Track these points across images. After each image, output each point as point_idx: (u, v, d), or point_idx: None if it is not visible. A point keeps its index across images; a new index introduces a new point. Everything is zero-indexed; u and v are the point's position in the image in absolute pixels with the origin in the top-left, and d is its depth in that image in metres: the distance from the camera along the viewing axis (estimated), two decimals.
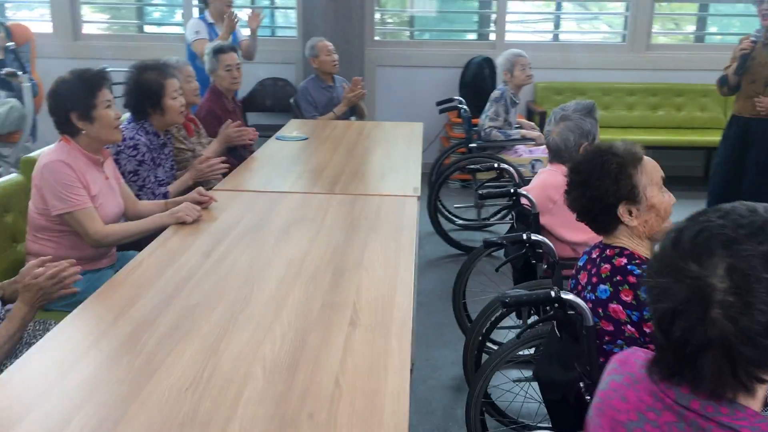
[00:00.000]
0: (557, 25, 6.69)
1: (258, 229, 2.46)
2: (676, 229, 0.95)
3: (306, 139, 3.97)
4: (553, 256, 2.36)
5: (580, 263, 1.89)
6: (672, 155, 6.15)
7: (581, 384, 1.69)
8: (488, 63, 6.01)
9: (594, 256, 1.84)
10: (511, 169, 3.61)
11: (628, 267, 1.70)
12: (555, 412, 1.85)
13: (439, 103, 4.71)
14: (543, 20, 6.89)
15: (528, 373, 2.53)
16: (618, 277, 1.70)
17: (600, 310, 1.70)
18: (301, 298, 1.90)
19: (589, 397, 1.67)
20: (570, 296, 1.68)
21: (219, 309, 1.83)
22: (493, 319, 2.55)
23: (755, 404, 0.93)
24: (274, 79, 6.19)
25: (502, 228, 4.49)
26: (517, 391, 2.59)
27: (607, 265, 1.75)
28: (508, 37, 6.39)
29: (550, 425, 1.92)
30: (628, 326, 1.68)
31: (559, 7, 6.64)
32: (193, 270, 2.08)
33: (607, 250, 1.79)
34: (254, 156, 3.58)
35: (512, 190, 2.61)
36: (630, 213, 1.76)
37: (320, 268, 2.11)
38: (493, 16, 6.36)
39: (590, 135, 2.65)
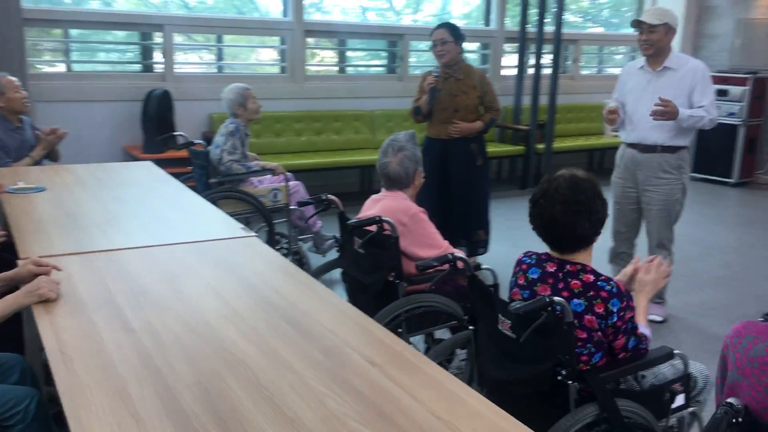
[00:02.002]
0: (220, 57, 6.79)
1: (143, 290, 2.16)
2: None
3: (44, 189, 3.45)
4: None
5: (534, 276, 2.16)
6: (335, 175, 6.80)
7: (563, 372, 1.97)
8: (168, 96, 5.84)
9: (550, 270, 2.12)
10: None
11: (598, 283, 2.03)
12: (523, 405, 2.09)
13: (163, 140, 4.47)
14: (206, 51, 6.92)
15: None
16: (591, 293, 2.02)
17: (576, 321, 2.00)
18: (285, 350, 1.79)
19: (570, 381, 1.96)
20: (557, 299, 1.94)
21: (216, 384, 1.63)
22: None
23: None
24: None
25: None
26: None
27: (577, 281, 2.04)
28: (176, 68, 6.28)
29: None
30: (599, 333, 2.02)
31: (220, 39, 6.75)
32: (130, 352, 1.77)
33: (567, 266, 2.09)
34: (10, 215, 3.00)
35: (376, 218, 2.73)
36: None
37: (265, 312, 1.99)
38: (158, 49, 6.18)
39: (420, 161, 2.94)
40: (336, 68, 7.54)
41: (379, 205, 2.91)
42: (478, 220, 4.67)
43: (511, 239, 5.51)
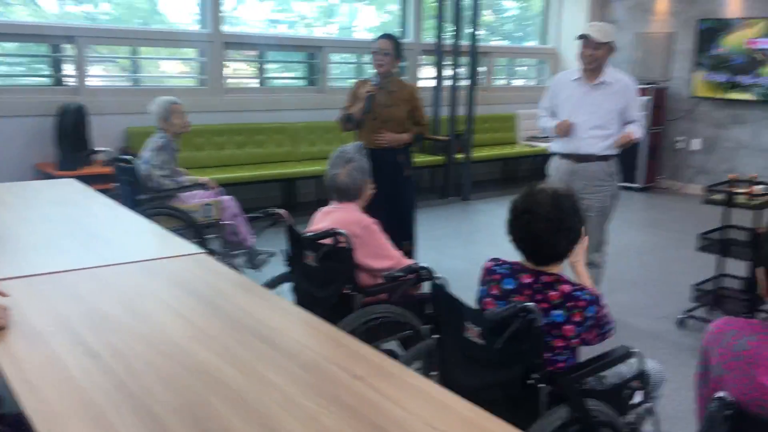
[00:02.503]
0: (135, 70, 6.57)
1: (99, 313, 2.06)
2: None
3: None
4: None
5: (509, 287, 2.19)
6: (259, 188, 6.71)
7: (535, 375, 2.01)
8: (82, 110, 5.61)
9: (526, 281, 2.17)
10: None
11: (575, 293, 2.10)
12: (491, 410, 2.12)
13: (85, 155, 4.28)
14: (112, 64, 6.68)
15: None
16: (569, 303, 2.09)
17: (554, 331, 2.06)
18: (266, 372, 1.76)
19: (543, 384, 2.01)
20: (529, 304, 1.98)
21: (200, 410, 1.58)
22: None
23: None
24: None
25: None
26: None
27: (555, 292, 2.10)
28: (88, 81, 6.03)
29: None
30: (576, 340, 2.08)
31: (135, 51, 6.54)
32: (100, 378, 1.69)
33: (543, 277, 2.15)
34: None
35: (330, 231, 2.70)
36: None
37: (234, 330, 1.94)
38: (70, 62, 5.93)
39: (368, 172, 2.94)
40: (255, 81, 7.45)
41: (330, 217, 2.90)
42: (404, 231, 4.68)
43: (436, 248, 5.59)
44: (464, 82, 7.90)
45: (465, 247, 5.73)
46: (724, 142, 8.37)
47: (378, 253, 2.82)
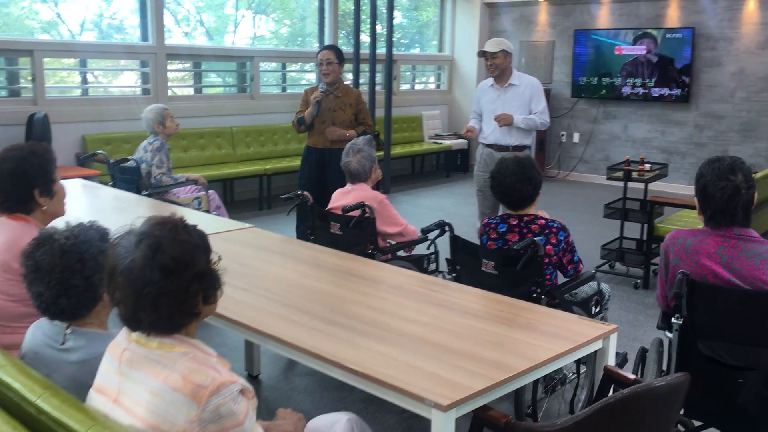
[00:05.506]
0: (84, 80, 6.95)
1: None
2: (712, 164, 2.35)
3: None
4: None
5: (502, 229, 3.06)
6: None
7: (538, 290, 2.89)
8: (47, 119, 6.00)
9: (513, 223, 3.04)
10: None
11: (549, 224, 3.01)
12: None
13: (86, 157, 4.77)
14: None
15: None
16: (546, 230, 2.99)
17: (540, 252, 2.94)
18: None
19: (544, 297, 2.88)
20: (536, 239, 2.85)
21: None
22: None
23: None
24: None
25: None
26: None
27: (535, 225, 3.00)
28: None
29: None
30: (554, 257, 2.98)
31: (84, 63, 6.92)
32: (263, 304, 2.40)
33: (524, 217, 3.04)
34: None
35: (360, 204, 3.44)
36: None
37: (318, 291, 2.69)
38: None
39: (375, 160, 3.73)
40: (192, 89, 7.97)
41: (350, 195, 3.65)
42: None
43: None
44: (377, 87, 8.76)
45: None
46: (599, 134, 9.73)
47: (390, 221, 3.61)
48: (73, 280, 1.73)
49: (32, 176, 2.30)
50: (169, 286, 1.44)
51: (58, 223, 1.92)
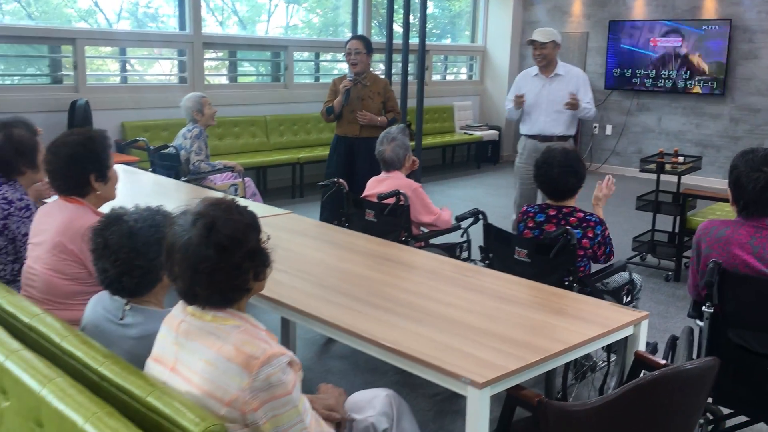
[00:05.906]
0: (123, 68, 7.11)
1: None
2: (746, 156, 2.37)
3: None
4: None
5: (540, 219, 3.11)
6: None
7: (570, 278, 2.94)
8: (89, 106, 6.16)
9: (552, 213, 3.09)
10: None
11: (587, 217, 3.05)
12: None
13: (126, 144, 4.91)
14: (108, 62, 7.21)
15: None
16: (584, 224, 3.04)
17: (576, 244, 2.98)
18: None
19: (576, 285, 2.93)
20: (570, 229, 2.90)
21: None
22: None
23: None
24: None
25: None
26: None
27: (573, 218, 3.05)
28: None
29: None
30: (590, 250, 3.03)
31: (123, 51, 7.08)
32: (303, 286, 2.49)
33: (563, 209, 3.08)
34: None
35: (394, 192, 3.51)
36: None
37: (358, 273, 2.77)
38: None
39: (409, 148, 3.80)
40: (226, 78, 8.10)
41: (384, 184, 3.72)
42: None
43: None
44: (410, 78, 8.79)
45: None
46: (632, 127, 9.67)
47: (424, 210, 3.67)
48: (137, 261, 1.83)
49: (89, 161, 2.42)
50: (223, 263, 1.53)
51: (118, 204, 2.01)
